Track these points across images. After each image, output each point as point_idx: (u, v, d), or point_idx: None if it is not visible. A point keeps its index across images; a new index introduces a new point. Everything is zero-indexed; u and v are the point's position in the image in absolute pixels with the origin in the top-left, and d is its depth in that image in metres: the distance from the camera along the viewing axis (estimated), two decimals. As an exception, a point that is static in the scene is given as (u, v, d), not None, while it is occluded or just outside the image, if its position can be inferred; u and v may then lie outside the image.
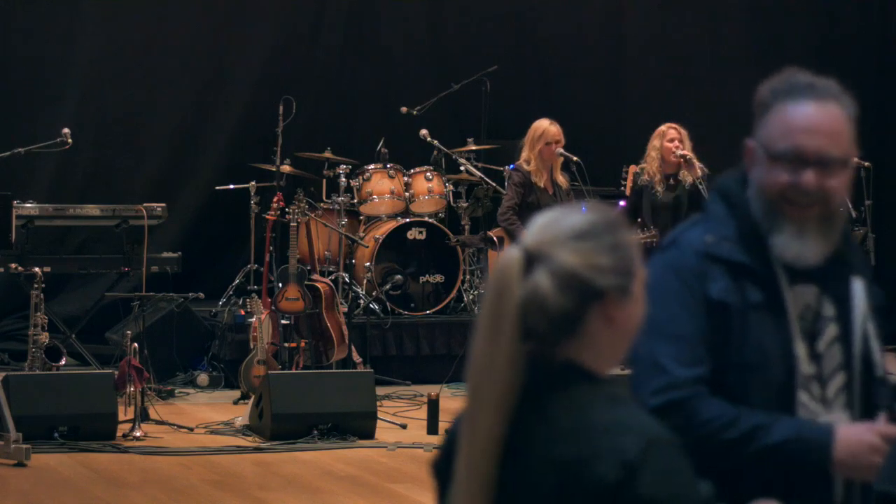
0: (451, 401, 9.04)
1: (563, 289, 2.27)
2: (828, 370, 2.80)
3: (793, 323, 2.77)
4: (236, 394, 9.48)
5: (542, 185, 9.78)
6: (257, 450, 8.00)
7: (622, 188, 10.36)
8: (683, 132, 9.46)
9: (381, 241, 10.38)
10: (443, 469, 2.39)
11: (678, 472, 2.24)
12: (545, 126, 9.75)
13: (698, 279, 2.76)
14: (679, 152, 9.39)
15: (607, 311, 2.30)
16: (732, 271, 2.78)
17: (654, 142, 9.58)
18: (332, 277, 10.15)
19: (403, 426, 8.65)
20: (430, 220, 10.61)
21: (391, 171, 10.60)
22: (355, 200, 10.57)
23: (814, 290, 2.81)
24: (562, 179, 9.90)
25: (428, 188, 10.64)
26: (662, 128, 9.61)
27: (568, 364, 2.31)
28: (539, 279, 2.27)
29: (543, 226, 2.33)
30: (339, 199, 10.36)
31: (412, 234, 10.60)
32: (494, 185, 9.70)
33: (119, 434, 8.08)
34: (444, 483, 2.37)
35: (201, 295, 10.01)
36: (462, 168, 10.17)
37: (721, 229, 2.82)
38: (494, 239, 9.73)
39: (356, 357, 9.61)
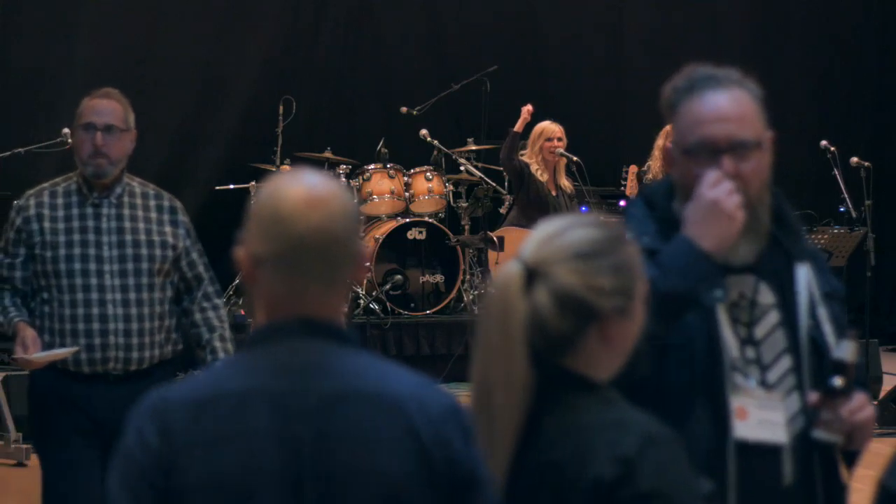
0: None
1: (563, 310, 2.24)
2: (769, 355, 2.82)
3: (718, 309, 2.78)
4: (236, 394, 9.48)
5: (541, 181, 9.83)
6: (257, 450, 7.99)
7: (622, 188, 10.36)
8: None
9: (381, 241, 10.38)
10: None
11: (676, 466, 2.21)
12: (545, 124, 9.85)
13: None
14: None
15: (604, 331, 2.28)
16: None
17: (658, 141, 9.59)
18: (332, 277, 10.14)
19: (403, 426, 8.65)
20: (430, 220, 10.62)
21: (391, 171, 10.60)
22: (355, 200, 10.58)
23: (750, 280, 2.83)
24: (566, 183, 9.93)
25: (428, 188, 10.64)
26: (668, 128, 9.61)
27: (561, 372, 2.28)
28: (539, 299, 2.24)
29: (544, 240, 2.29)
30: (339, 199, 10.35)
31: (412, 234, 10.60)
32: (494, 184, 9.71)
33: (119, 434, 8.08)
34: None
35: (201, 295, 9.99)
36: (462, 168, 10.18)
37: (640, 227, 2.83)
38: (494, 239, 9.73)
39: (356, 357, 9.61)
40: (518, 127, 9.77)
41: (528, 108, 9.79)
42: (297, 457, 2.10)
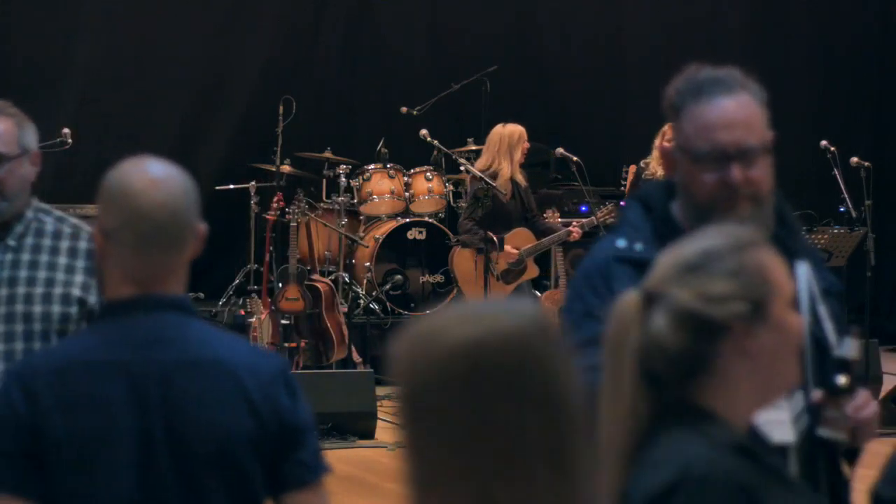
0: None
1: (679, 327, 2.08)
2: None
3: None
4: (236, 394, 9.47)
5: (501, 188, 9.70)
6: (257, 450, 8.00)
7: (622, 188, 10.36)
8: None
9: (381, 241, 10.38)
10: None
11: None
12: (516, 127, 9.68)
13: (605, 282, 2.78)
14: None
15: (738, 343, 2.09)
16: (644, 271, 2.78)
17: (656, 141, 9.58)
18: (332, 277, 10.15)
19: (403, 426, 8.65)
20: (430, 220, 10.62)
21: (391, 171, 10.60)
22: (355, 200, 10.57)
23: None
24: (520, 178, 9.81)
25: (428, 188, 10.64)
26: (665, 127, 9.60)
27: (685, 405, 2.11)
28: (656, 321, 2.10)
29: (663, 262, 2.16)
30: (339, 199, 10.36)
31: (412, 234, 10.60)
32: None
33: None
34: None
35: (201, 295, 10.00)
36: (462, 168, 10.17)
37: (635, 233, 2.83)
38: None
39: (356, 357, 9.61)
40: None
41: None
42: (146, 416, 2.46)
